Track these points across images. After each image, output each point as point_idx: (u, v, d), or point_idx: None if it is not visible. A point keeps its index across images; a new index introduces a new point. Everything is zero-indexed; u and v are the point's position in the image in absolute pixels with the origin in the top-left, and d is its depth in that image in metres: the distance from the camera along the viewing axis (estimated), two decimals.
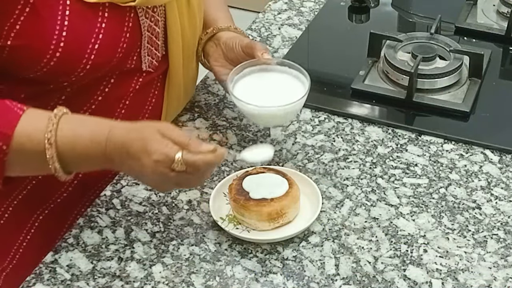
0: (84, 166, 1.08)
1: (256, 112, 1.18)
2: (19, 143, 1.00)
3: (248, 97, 1.17)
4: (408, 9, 1.72)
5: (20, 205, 1.22)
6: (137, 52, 1.16)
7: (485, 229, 1.14)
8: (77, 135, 1.01)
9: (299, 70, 1.22)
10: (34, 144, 1.00)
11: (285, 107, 1.16)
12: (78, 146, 1.01)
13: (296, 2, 1.71)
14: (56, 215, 1.25)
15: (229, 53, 1.27)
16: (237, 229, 1.13)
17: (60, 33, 1.04)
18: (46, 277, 1.09)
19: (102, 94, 1.16)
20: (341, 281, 1.07)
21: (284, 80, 1.22)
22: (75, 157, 1.01)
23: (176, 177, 1.01)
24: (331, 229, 1.15)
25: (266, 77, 1.23)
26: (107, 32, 1.08)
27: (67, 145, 1.01)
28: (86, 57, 1.07)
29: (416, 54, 1.41)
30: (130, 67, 1.17)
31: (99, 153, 1.01)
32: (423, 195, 1.20)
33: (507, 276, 1.07)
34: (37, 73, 1.07)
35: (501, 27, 1.58)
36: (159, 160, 0.99)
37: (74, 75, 1.09)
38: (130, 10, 1.12)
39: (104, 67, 1.11)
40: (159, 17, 1.18)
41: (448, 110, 1.36)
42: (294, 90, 1.20)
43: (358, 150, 1.29)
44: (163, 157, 0.99)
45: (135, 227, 1.16)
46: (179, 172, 1.00)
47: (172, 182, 1.03)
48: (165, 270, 1.09)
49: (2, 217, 1.22)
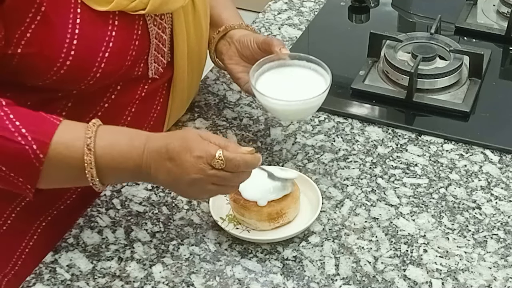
0: (119, 174, 1.05)
1: (280, 108, 1.18)
2: (57, 152, 1.00)
3: (270, 92, 1.18)
4: (408, 9, 1.72)
5: (23, 212, 1.22)
6: (144, 59, 1.16)
7: (485, 229, 1.14)
8: (116, 141, 1.03)
9: (318, 63, 1.22)
10: (71, 152, 1.00)
11: (309, 101, 1.16)
12: (116, 151, 1.02)
13: (296, 2, 1.71)
14: (58, 222, 1.25)
15: (244, 50, 1.26)
16: (237, 229, 1.13)
17: (71, 41, 1.04)
18: (46, 277, 1.09)
19: (108, 101, 1.16)
20: (341, 281, 1.07)
21: (305, 74, 1.23)
22: (112, 164, 1.02)
23: (214, 176, 1.01)
24: (331, 229, 1.15)
25: (286, 72, 1.23)
26: (117, 40, 1.08)
27: (106, 151, 1.01)
28: (96, 65, 1.07)
29: (416, 54, 1.41)
30: (137, 75, 1.17)
31: (136, 157, 1.02)
32: (423, 195, 1.20)
33: (507, 276, 1.07)
34: (46, 81, 1.07)
35: (501, 27, 1.58)
36: (200, 156, 1.00)
37: (83, 83, 1.09)
38: (139, 18, 1.12)
39: (114, 75, 1.11)
40: (166, 24, 1.18)
41: (448, 110, 1.36)
42: (315, 84, 1.20)
43: (358, 150, 1.29)
44: (204, 153, 1.00)
45: (135, 227, 1.16)
46: (217, 170, 1.01)
47: (209, 181, 1.02)
48: (165, 270, 1.09)
49: (4, 223, 1.21)
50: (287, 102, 1.16)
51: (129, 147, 1.02)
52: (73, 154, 1.01)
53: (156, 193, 1.22)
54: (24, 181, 1.02)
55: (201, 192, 1.06)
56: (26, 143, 0.99)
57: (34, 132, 0.99)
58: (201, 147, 1.01)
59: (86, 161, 1.00)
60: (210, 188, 1.04)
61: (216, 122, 1.35)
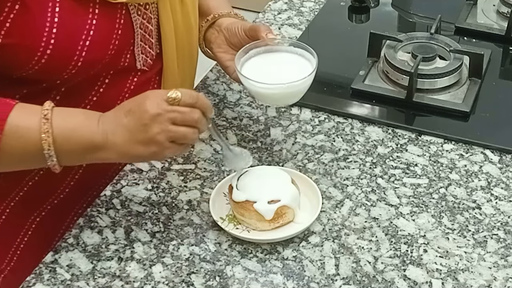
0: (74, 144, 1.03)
1: (264, 91, 1.17)
2: (13, 126, 1.00)
3: (256, 76, 1.17)
4: (408, 9, 1.72)
5: (17, 207, 1.22)
6: (130, 50, 1.16)
7: (485, 229, 1.14)
8: (72, 114, 1.04)
9: (305, 48, 1.22)
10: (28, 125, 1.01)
11: (293, 84, 1.16)
12: (72, 122, 1.03)
13: (296, 2, 1.71)
14: (54, 216, 1.25)
15: (232, 38, 1.26)
16: (237, 229, 1.13)
17: (51, 29, 1.04)
18: (46, 277, 1.09)
19: (97, 95, 1.16)
20: (341, 281, 1.07)
21: (291, 59, 1.22)
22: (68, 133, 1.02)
23: (172, 111, 1.02)
24: (331, 229, 1.15)
25: (272, 57, 1.23)
26: (98, 28, 1.08)
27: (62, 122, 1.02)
28: (77, 54, 1.07)
29: (416, 54, 1.41)
30: (124, 65, 1.17)
31: (91, 123, 1.03)
32: (423, 195, 1.20)
33: (507, 276, 1.07)
34: (28, 71, 1.07)
35: (501, 27, 1.58)
36: (156, 96, 1.03)
37: (66, 72, 1.08)
38: (122, 7, 1.11)
39: (96, 64, 1.11)
40: (152, 14, 1.17)
41: (448, 110, 1.36)
42: (301, 68, 1.19)
43: (358, 150, 1.29)
44: (159, 93, 1.04)
45: (135, 227, 1.16)
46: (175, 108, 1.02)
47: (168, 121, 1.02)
48: (165, 270, 1.09)
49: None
50: (271, 85, 1.16)
51: (85, 117, 1.04)
52: (30, 126, 1.01)
53: (156, 193, 1.22)
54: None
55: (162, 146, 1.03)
56: None
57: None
58: (155, 91, 1.05)
59: (43, 130, 1.01)
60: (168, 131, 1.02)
61: (216, 122, 1.35)
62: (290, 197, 1.12)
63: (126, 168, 1.26)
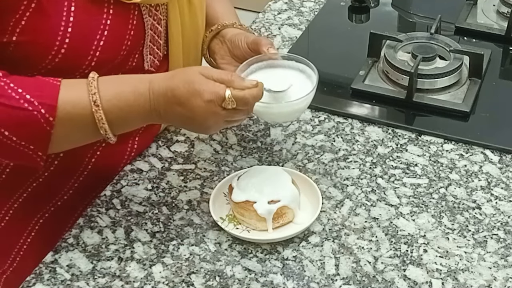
0: (130, 122, 1.08)
1: (263, 110, 1.17)
2: (65, 112, 1.01)
3: None
4: (408, 9, 1.72)
5: (21, 208, 1.22)
6: (139, 50, 1.17)
7: (485, 229, 1.14)
8: (119, 92, 1.04)
9: (306, 63, 1.20)
10: (79, 109, 1.02)
11: (292, 103, 1.15)
12: (123, 102, 1.03)
13: (296, 2, 1.71)
14: (57, 218, 1.25)
15: (235, 50, 1.26)
16: (237, 229, 1.13)
17: (66, 29, 1.05)
18: (46, 277, 1.09)
19: None
20: (341, 281, 1.07)
21: (292, 74, 1.21)
22: (121, 114, 1.03)
23: (226, 114, 1.05)
24: (331, 229, 1.15)
25: (274, 73, 1.22)
26: (112, 29, 1.09)
27: (113, 103, 1.03)
28: (91, 54, 1.08)
29: (416, 54, 1.41)
30: (132, 66, 1.17)
31: (144, 104, 1.04)
32: (423, 195, 1.20)
33: (507, 276, 1.07)
34: (41, 70, 1.07)
35: (501, 27, 1.58)
36: (211, 100, 1.02)
37: (78, 72, 1.09)
38: (134, 8, 1.12)
39: (108, 64, 1.11)
40: (162, 16, 1.18)
41: (448, 110, 1.36)
42: (301, 86, 1.18)
43: (358, 150, 1.29)
44: (214, 96, 1.03)
45: (135, 227, 1.16)
46: (229, 110, 1.04)
47: (222, 120, 1.06)
48: (165, 270, 1.09)
49: (2, 219, 1.22)
50: (268, 104, 1.14)
51: (135, 95, 1.04)
52: (81, 112, 1.02)
53: (156, 193, 1.22)
54: (35, 149, 1.02)
55: (215, 128, 1.11)
56: (34, 108, 0.99)
57: (39, 96, 1.00)
58: (209, 89, 1.03)
59: (97, 118, 1.02)
60: (224, 124, 1.09)
61: None
62: (290, 197, 1.12)
63: (126, 168, 1.26)
